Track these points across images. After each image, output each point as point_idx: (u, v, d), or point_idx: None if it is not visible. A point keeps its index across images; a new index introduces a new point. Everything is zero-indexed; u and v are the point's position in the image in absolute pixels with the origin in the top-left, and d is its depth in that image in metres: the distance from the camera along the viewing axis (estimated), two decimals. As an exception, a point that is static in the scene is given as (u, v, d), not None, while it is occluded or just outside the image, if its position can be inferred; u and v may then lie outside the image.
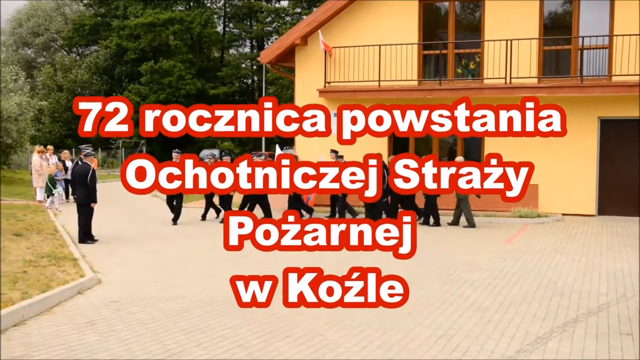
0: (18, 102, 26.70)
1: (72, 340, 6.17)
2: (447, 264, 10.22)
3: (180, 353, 5.84)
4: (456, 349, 6.02)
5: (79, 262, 9.72)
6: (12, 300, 7.09)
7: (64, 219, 14.84)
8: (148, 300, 7.73)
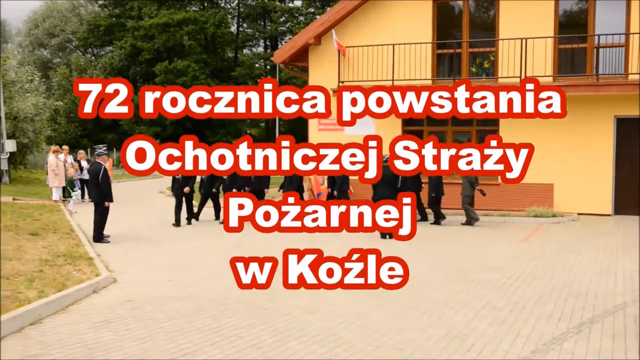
0: (34, 102, 26.95)
1: (88, 338, 6.21)
2: (462, 264, 10.17)
3: (195, 352, 5.86)
4: (470, 349, 6.00)
5: (95, 262, 9.79)
6: (28, 299, 7.16)
7: (79, 219, 14.96)
8: (162, 300, 7.77)
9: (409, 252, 11.40)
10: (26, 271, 8.75)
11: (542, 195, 16.47)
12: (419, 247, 11.98)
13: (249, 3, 52.69)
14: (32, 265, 9.22)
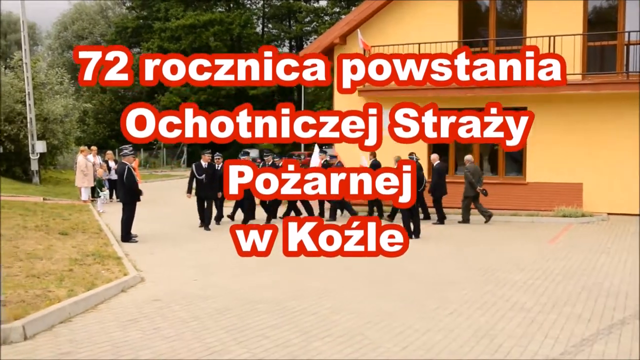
0: (64, 104, 27.32)
1: (117, 337, 6.28)
2: (489, 264, 10.08)
3: (221, 351, 5.89)
4: (498, 350, 5.93)
5: (123, 261, 9.89)
6: (58, 298, 7.25)
7: (108, 218, 15.13)
8: (189, 299, 7.82)
9: (435, 252, 11.34)
10: (56, 270, 8.88)
11: (570, 195, 16.25)
12: (445, 247, 11.91)
13: (274, 3, 52.86)
14: (62, 264, 9.35)
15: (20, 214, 14.28)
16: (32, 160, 24.66)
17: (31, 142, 24.44)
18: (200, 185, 14.25)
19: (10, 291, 7.37)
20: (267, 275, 9.25)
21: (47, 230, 12.58)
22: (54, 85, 28.23)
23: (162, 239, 12.70)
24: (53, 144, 26.59)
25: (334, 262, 10.20)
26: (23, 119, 24.97)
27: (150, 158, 46.73)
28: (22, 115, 25.06)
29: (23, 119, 24.97)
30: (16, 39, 50.19)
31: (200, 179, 14.24)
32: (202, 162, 14.35)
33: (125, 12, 56.72)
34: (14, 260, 9.33)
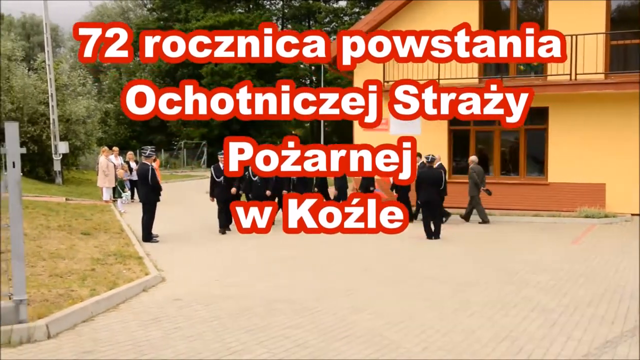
0: (86, 105, 27.60)
1: (138, 336, 6.32)
2: (511, 265, 10.00)
3: (241, 351, 5.91)
4: (520, 352, 5.88)
5: (144, 261, 9.97)
6: (81, 297, 7.33)
7: (129, 219, 15.25)
8: (210, 299, 7.86)
9: (455, 252, 11.28)
10: (79, 270, 8.97)
11: (593, 195, 16.08)
12: (466, 247, 11.84)
13: (294, 4, 52.91)
14: (84, 264, 9.45)
15: (43, 214, 14.45)
16: (54, 160, 24.93)
17: (54, 143, 24.72)
18: (220, 188, 13.70)
19: (34, 290, 7.46)
20: (287, 276, 9.26)
21: (69, 230, 12.72)
22: (76, 86, 28.52)
23: (183, 239, 12.78)
24: (75, 144, 26.86)
25: (353, 262, 10.20)
26: (46, 120, 25.26)
27: (170, 158, 47.03)
28: (45, 117, 25.35)
29: (46, 120, 25.26)
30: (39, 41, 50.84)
31: (219, 182, 13.70)
32: (221, 164, 13.70)
33: (146, 13, 57.19)
34: (38, 260, 9.45)
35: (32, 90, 25.52)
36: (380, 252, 11.39)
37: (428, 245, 12.17)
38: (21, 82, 25.23)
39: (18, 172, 6.17)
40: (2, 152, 6.14)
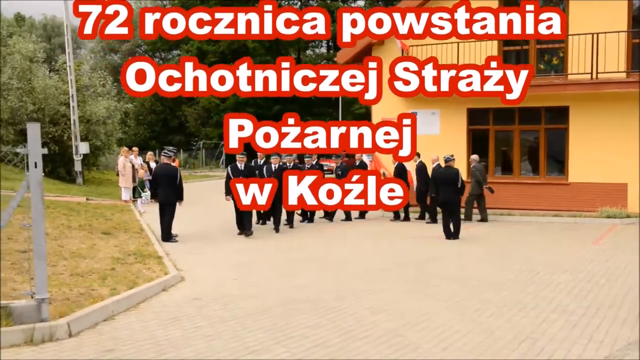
0: (106, 106, 27.85)
1: (158, 335, 6.36)
2: (531, 265, 9.92)
3: (260, 351, 5.92)
4: (541, 353, 5.83)
5: (163, 260, 10.03)
6: (101, 296, 7.40)
7: (148, 218, 15.35)
8: (229, 298, 7.89)
9: (475, 252, 11.22)
10: (99, 269, 9.05)
11: (615, 195, 15.88)
12: (486, 248, 11.77)
13: (312, 4, 52.93)
14: (105, 263, 9.53)
15: (64, 214, 14.59)
16: (75, 161, 25.19)
17: (75, 143, 24.97)
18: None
19: (56, 289, 7.54)
20: (306, 276, 9.27)
21: (90, 229, 12.83)
22: (97, 87, 28.79)
23: (202, 239, 12.84)
24: (96, 145, 27.12)
25: (371, 263, 10.18)
26: (67, 120, 25.53)
27: (189, 158, 47.30)
28: (66, 117, 25.63)
29: (67, 121, 25.53)
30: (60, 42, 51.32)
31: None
32: (238, 163, 13.15)
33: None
34: (59, 259, 9.54)
35: (54, 91, 25.81)
36: (399, 252, 11.36)
37: (447, 246, 12.10)
38: (42, 83, 25.53)
39: (40, 173, 6.24)
40: (25, 153, 6.22)
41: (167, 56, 57.38)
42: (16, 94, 24.61)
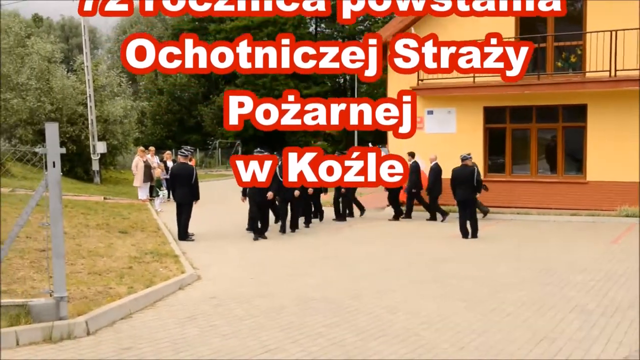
0: (123, 105, 28.04)
1: (175, 333, 6.39)
2: (549, 265, 9.84)
3: (277, 349, 5.92)
4: (559, 353, 5.78)
5: (180, 259, 10.07)
6: (119, 295, 7.44)
7: (165, 217, 15.43)
8: (245, 297, 7.90)
9: (492, 252, 11.16)
10: (117, 267, 9.11)
11: (634, 194, 15.70)
12: (503, 247, 11.70)
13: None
14: (122, 262, 9.59)
15: (82, 213, 14.72)
16: (93, 160, 25.40)
17: (92, 142, 25.18)
18: (255, 190, 12.44)
19: (74, 288, 7.60)
20: (322, 274, 9.27)
21: (107, 228, 12.93)
22: (113, 86, 28.98)
23: (218, 238, 12.88)
24: (113, 144, 27.32)
25: (387, 262, 10.16)
26: (84, 120, 25.74)
27: (205, 158, 47.47)
28: (83, 117, 25.84)
29: (84, 121, 25.74)
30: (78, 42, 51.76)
31: None
32: None
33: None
34: (77, 258, 9.62)
35: (71, 91, 26.04)
36: (415, 251, 11.33)
37: (464, 245, 12.05)
38: (60, 83, 25.76)
39: (58, 172, 6.29)
40: (43, 152, 6.27)
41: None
42: (34, 94, 24.85)
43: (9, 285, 7.56)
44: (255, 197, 12.62)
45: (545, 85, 16.28)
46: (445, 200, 16.19)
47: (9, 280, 7.76)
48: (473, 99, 17.17)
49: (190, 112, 50.87)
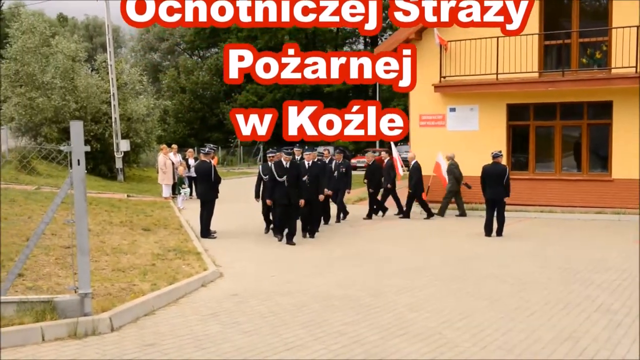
0: (146, 104, 28.23)
1: (197, 330, 6.44)
2: (573, 264, 9.74)
3: (299, 347, 5.94)
4: (583, 353, 5.72)
5: (202, 256, 10.13)
6: (142, 292, 7.51)
7: (187, 215, 15.52)
8: (267, 294, 7.93)
9: (516, 250, 11.06)
10: (140, 264, 9.19)
11: (660, 192, 15.47)
12: (527, 245, 11.59)
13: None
14: (145, 259, 9.67)
15: (106, 210, 14.86)
16: (116, 158, 25.60)
17: (116, 140, 25.38)
18: (281, 189, 12.01)
19: (98, 284, 7.68)
20: (343, 272, 9.27)
21: (131, 225, 13.04)
22: (136, 84, 29.17)
23: (240, 236, 12.94)
24: (136, 142, 27.50)
25: (409, 260, 10.13)
26: (108, 118, 25.95)
27: (227, 156, 47.66)
28: (107, 115, 26.05)
29: (108, 119, 25.96)
30: (101, 41, 52.26)
31: (281, 182, 11.98)
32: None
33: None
34: (101, 255, 9.72)
35: (95, 90, 26.25)
36: (437, 249, 11.28)
37: (487, 243, 11.97)
38: (85, 82, 25.98)
39: (83, 170, 6.36)
40: (68, 150, 6.34)
41: (205, 54, 57.90)
42: (59, 93, 25.11)
43: (35, 281, 7.67)
44: (282, 199, 12.03)
45: (569, 82, 16.08)
46: (472, 198, 16.15)
47: (34, 277, 7.87)
48: (496, 96, 17.03)
49: (212, 110, 51.11)
